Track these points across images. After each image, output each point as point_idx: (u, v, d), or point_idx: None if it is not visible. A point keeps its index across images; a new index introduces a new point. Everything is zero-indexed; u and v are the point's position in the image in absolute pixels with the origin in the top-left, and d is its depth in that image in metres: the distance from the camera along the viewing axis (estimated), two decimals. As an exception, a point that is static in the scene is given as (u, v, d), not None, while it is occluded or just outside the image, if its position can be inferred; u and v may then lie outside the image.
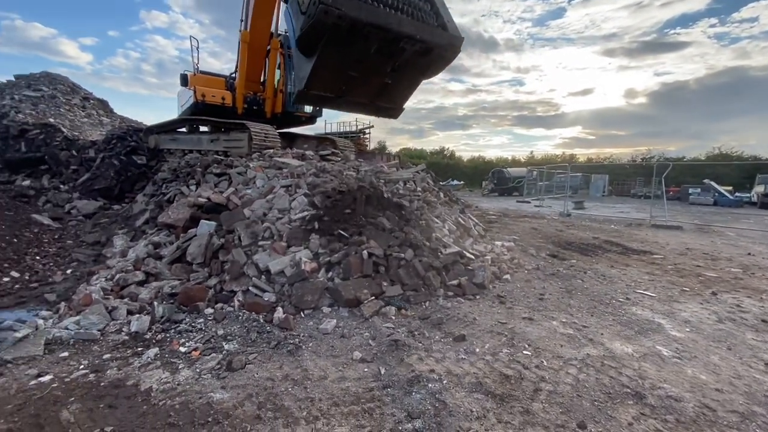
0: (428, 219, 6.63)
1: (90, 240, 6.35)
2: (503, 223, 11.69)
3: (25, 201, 7.86)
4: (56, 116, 14.53)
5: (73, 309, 3.93)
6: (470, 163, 51.44)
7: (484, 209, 16.52)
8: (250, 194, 6.27)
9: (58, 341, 3.43)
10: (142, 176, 9.13)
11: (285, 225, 5.24)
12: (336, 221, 5.39)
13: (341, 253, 4.78)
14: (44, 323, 3.68)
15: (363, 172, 7.26)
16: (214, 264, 4.90)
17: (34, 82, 16.11)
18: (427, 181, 8.15)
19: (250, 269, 4.58)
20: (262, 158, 7.27)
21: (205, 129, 9.27)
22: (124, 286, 4.49)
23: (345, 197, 5.64)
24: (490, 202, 21.57)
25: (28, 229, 6.33)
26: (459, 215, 7.59)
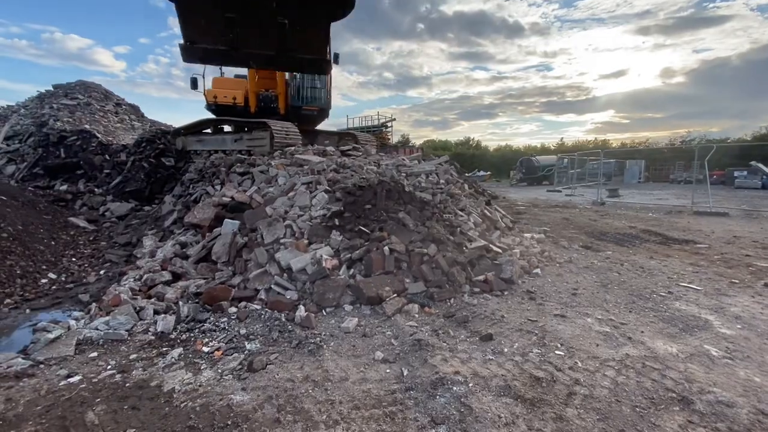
0: (452, 212, 6.43)
1: (122, 241, 6.57)
2: (532, 214, 11.29)
3: (63, 205, 8.25)
4: (91, 122, 15.23)
5: (103, 309, 4.04)
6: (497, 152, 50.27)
7: (512, 200, 16.06)
8: (272, 192, 6.28)
9: (89, 341, 3.52)
10: (170, 177, 9.38)
11: (306, 222, 5.21)
12: (357, 217, 5.31)
13: (362, 250, 4.69)
14: (76, 324, 3.79)
15: (384, 166, 7.14)
16: (238, 262, 4.94)
17: (71, 91, 16.95)
18: (451, 173, 7.93)
19: (272, 267, 4.57)
20: (283, 156, 7.28)
21: (229, 129, 9.40)
22: (151, 286, 4.58)
23: (365, 192, 5.54)
24: (519, 192, 20.97)
25: (65, 231, 6.62)
26: (485, 207, 7.35)
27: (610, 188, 17.74)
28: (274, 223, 5.19)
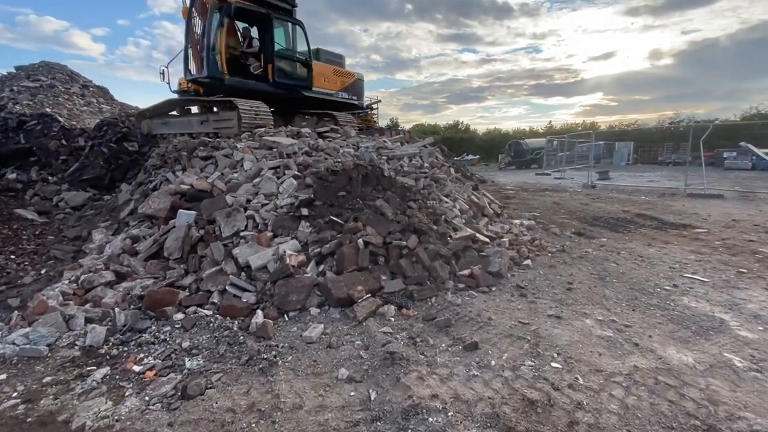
0: (436, 199, 5.91)
1: (71, 235, 5.90)
2: (521, 199, 10.84)
3: (12, 195, 7.49)
4: (54, 106, 14.19)
5: (26, 318, 3.44)
6: (486, 136, 49.68)
7: (500, 184, 15.61)
8: (237, 178, 5.66)
9: (1, 359, 2.94)
10: (134, 164, 8.62)
11: (271, 212, 4.62)
12: (329, 206, 4.74)
13: (334, 243, 4.14)
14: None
15: (363, 149, 6.53)
16: (191, 260, 4.35)
17: (33, 73, 15.78)
18: (436, 155, 7.36)
19: (228, 265, 4.00)
20: (251, 138, 6.61)
21: (196, 110, 8.64)
22: (89, 289, 3.98)
23: (339, 178, 4.96)
24: (507, 176, 20.54)
25: (8, 225, 5.92)
26: (472, 193, 6.82)
27: (600, 171, 17.39)
28: (233, 214, 4.59)
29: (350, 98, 10.06)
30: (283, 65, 8.54)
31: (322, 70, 9.41)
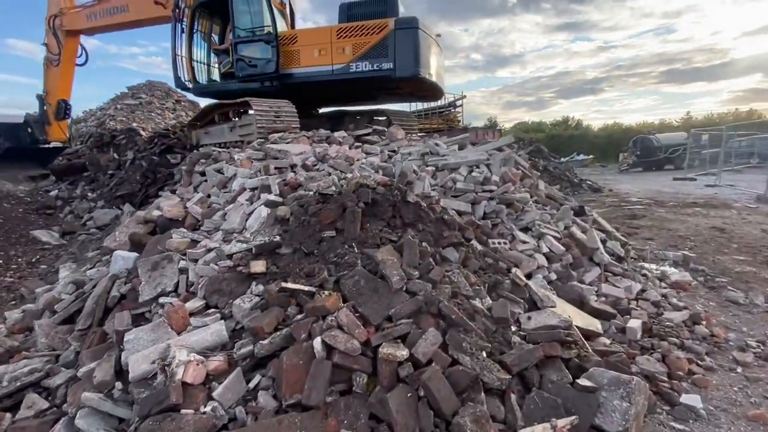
0: (506, 236, 3.59)
1: (57, 266, 5.06)
2: (656, 220, 7.50)
3: (50, 213, 7.25)
4: (146, 120, 15.07)
5: None
6: (602, 131, 42.62)
7: (621, 193, 11.92)
8: (218, 202, 4.14)
9: None
10: (171, 178, 7.93)
11: (211, 265, 2.91)
12: (304, 255, 2.84)
13: (280, 337, 2.23)
14: None
15: (398, 158, 4.50)
16: (91, 336, 2.86)
17: (137, 91, 17.20)
18: (516, 163, 4.92)
19: (103, 364, 2.36)
20: (259, 147, 5.09)
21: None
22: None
23: (328, 208, 3.02)
24: (632, 180, 16.19)
25: (4, 252, 5.34)
26: (573, 222, 4.27)
27: (780, 174, 12.26)
28: (161, 265, 3.00)
29: (377, 67, 6.28)
30: (244, 53, 6.85)
31: (308, 40, 6.74)
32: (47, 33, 9.51)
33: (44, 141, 10.25)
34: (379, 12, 6.44)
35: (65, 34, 9.42)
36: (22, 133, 10.09)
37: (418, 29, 6.16)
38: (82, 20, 9.23)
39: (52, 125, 10.15)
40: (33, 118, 10.17)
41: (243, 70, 6.83)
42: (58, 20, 9.25)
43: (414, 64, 6.11)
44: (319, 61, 6.55)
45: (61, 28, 9.30)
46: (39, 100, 10.15)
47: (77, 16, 9.27)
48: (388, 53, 6.15)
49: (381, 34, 6.19)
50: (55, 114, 10.05)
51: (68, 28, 9.35)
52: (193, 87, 7.64)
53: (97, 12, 8.98)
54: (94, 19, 9.05)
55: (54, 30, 9.31)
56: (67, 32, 9.43)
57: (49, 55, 9.68)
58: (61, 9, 9.26)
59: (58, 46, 9.44)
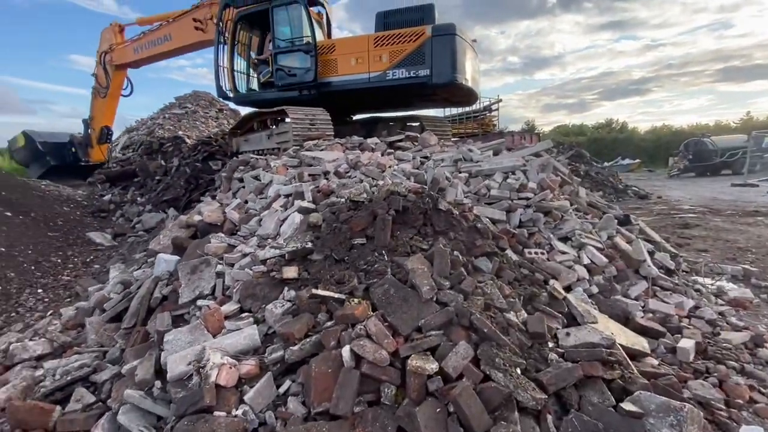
0: (543, 246, 3.45)
1: (108, 266, 5.40)
2: (712, 230, 6.95)
3: (103, 216, 7.78)
4: (190, 128, 15.88)
5: None
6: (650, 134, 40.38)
7: (671, 201, 11.18)
8: (254, 208, 4.27)
9: None
10: (212, 184, 8.29)
11: (246, 269, 2.99)
12: (335, 262, 2.86)
13: (310, 344, 2.25)
14: None
15: (430, 164, 4.45)
16: (134, 334, 3.01)
17: (183, 101, 18.19)
18: (555, 169, 4.73)
19: (145, 363, 2.48)
20: (295, 154, 5.21)
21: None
22: (9, 366, 2.98)
23: (359, 215, 3.03)
24: (683, 186, 15.16)
25: (62, 252, 5.78)
26: (614, 229, 4.04)
27: None
28: (200, 268, 3.11)
29: (413, 74, 6.25)
30: (283, 63, 7.00)
31: (345, 49, 6.84)
32: (97, 66, 10.23)
33: (86, 161, 10.99)
34: (415, 20, 6.47)
35: (114, 68, 10.10)
36: (66, 152, 10.91)
37: (455, 35, 6.13)
38: (129, 54, 9.87)
39: (94, 148, 10.89)
40: (77, 139, 10.96)
41: (282, 80, 7.05)
42: (108, 56, 9.95)
43: (451, 70, 6.09)
44: (356, 70, 6.65)
45: (110, 62, 10.00)
46: (84, 124, 10.92)
47: (125, 50, 9.91)
48: (424, 60, 6.17)
49: (418, 42, 6.21)
50: (98, 138, 10.78)
51: (117, 62, 10.03)
52: (234, 96, 7.98)
53: (143, 44, 9.59)
54: (140, 51, 9.66)
55: (104, 64, 10.02)
56: (116, 66, 10.11)
57: (97, 86, 10.41)
58: (111, 45, 9.96)
59: (107, 79, 10.13)
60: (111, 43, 10.03)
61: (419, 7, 6.47)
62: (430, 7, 6.42)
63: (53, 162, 10.66)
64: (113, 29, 10.17)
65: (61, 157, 10.82)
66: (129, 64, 10.32)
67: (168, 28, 9.23)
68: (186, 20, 8.76)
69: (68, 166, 10.97)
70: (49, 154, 10.72)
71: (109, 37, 10.15)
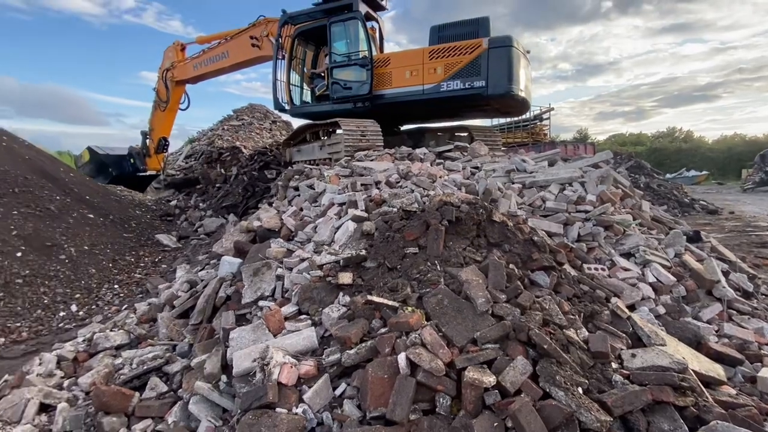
0: (604, 261, 3.31)
1: (174, 266, 5.85)
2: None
3: (169, 219, 8.42)
4: (246, 139, 16.83)
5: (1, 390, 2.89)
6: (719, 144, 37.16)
7: (746, 217, 10.19)
8: (309, 215, 4.46)
9: None
10: (267, 191, 8.74)
11: (304, 274, 3.13)
12: (388, 270, 2.92)
13: (365, 349, 2.31)
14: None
15: (481, 175, 4.42)
16: (201, 331, 3.24)
17: (240, 113, 19.35)
18: (616, 181, 4.51)
19: (213, 357, 2.66)
20: (346, 164, 5.39)
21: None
22: (93, 354, 3.31)
23: (412, 224, 3.08)
24: (759, 201, 13.77)
25: (135, 252, 6.33)
26: (682, 246, 3.77)
27: None
28: (262, 271, 3.30)
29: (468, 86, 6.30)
30: (339, 76, 7.16)
31: (400, 62, 6.98)
32: (159, 82, 11.14)
33: (143, 170, 11.80)
34: (470, 32, 6.56)
35: (174, 84, 10.94)
36: (125, 163, 11.82)
37: (512, 47, 6.13)
38: (189, 70, 10.66)
39: (151, 157, 11.77)
40: (135, 150, 11.91)
41: (337, 93, 7.35)
42: (169, 72, 10.83)
43: (507, 81, 6.12)
44: (410, 82, 6.81)
45: (171, 78, 10.87)
46: (143, 135, 11.84)
47: (186, 67, 10.71)
48: (480, 72, 6.25)
49: (474, 54, 6.30)
50: (155, 148, 11.65)
51: (178, 78, 10.85)
52: (290, 108, 8.36)
53: (202, 61, 10.32)
54: (199, 67, 10.39)
55: (165, 80, 10.93)
56: (176, 82, 10.94)
57: (158, 100, 11.28)
58: (173, 63, 10.85)
59: (167, 94, 11.00)
60: (173, 61, 10.91)
61: (474, 21, 6.52)
62: (485, 20, 6.45)
63: (114, 173, 11.65)
64: (175, 48, 11.06)
65: (121, 168, 11.82)
66: (188, 80, 11.15)
67: (226, 45, 9.90)
68: (243, 38, 9.37)
69: (127, 176, 11.96)
70: (111, 166, 11.75)
71: (171, 55, 11.05)
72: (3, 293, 4.56)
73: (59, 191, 6.59)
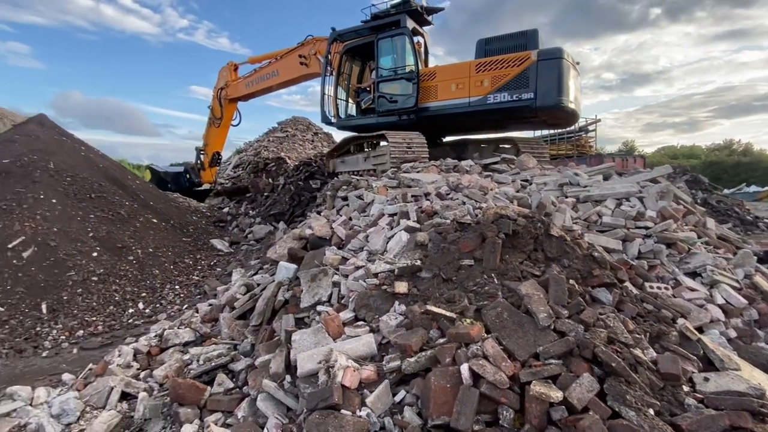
0: (667, 281, 3.19)
1: (229, 270, 6.18)
2: None
3: (222, 225, 8.89)
4: (289, 151, 17.47)
5: (87, 379, 3.18)
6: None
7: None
8: (359, 225, 4.60)
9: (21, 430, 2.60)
10: (313, 200, 9.05)
11: (360, 281, 3.24)
12: (443, 281, 2.98)
13: (425, 358, 2.37)
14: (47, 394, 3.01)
15: (533, 188, 4.39)
16: (262, 332, 3.42)
17: (284, 126, 20.16)
18: (676, 197, 4.33)
19: (277, 357, 2.81)
20: (393, 176, 5.51)
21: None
22: (164, 349, 3.57)
23: (467, 236, 3.12)
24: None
25: (193, 255, 6.74)
26: (752, 266, 3.55)
27: None
28: (319, 277, 3.44)
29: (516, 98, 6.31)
30: (385, 90, 7.30)
31: (446, 75, 7.08)
32: (213, 100, 11.87)
33: (198, 184, 12.56)
34: (519, 45, 6.59)
35: (227, 102, 11.62)
36: (182, 179, 12.62)
37: (562, 59, 6.10)
38: (241, 88, 11.30)
39: (206, 170, 12.49)
40: (190, 166, 12.68)
41: (383, 106, 7.54)
42: (223, 91, 11.52)
43: (556, 93, 6.09)
44: (456, 95, 6.90)
45: (225, 97, 11.55)
46: (196, 151, 12.61)
47: (238, 85, 11.37)
48: (528, 84, 6.26)
49: (522, 66, 6.32)
50: (209, 162, 12.36)
51: (231, 96, 11.53)
52: (336, 121, 8.65)
53: (254, 80, 10.94)
54: (251, 86, 11.00)
55: (219, 99, 11.62)
56: (229, 100, 11.62)
57: (212, 117, 12.01)
58: (227, 82, 11.54)
59: (221, 111, 11.70)
60: (227, 80, 11.63)
61: (523, 33, 6.54)
62: (533, 32, 6.45)
63: (173, 188, 12.47)
64: (229, 68, 11.79)
65: (178, 184, 12.65)
66: (240, 98, 11.82)
67: (276, 64, 10.44)
68: (292, 57, 9.86)
69: (185, 191, 12.79)
70: (170, 182, 12.60)
71: (225, 75, 11.78)
72: (81, 289, 5.02)
73: (128, 197, 7.18)
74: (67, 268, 5.14)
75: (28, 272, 4.91)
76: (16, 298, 4.61)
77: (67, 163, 6.94)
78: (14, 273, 4.86)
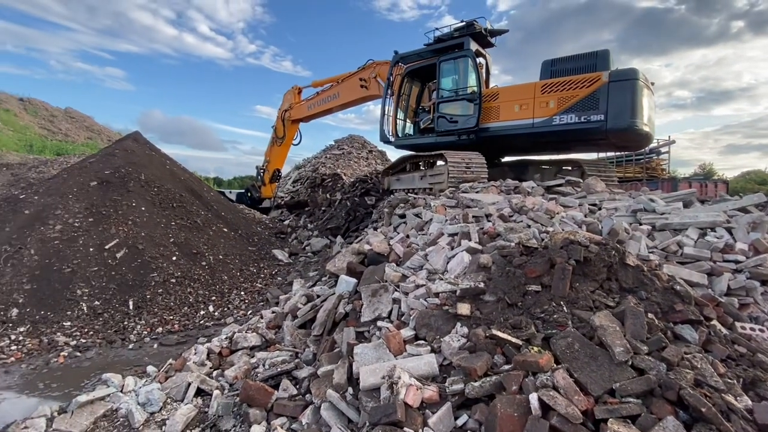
0: (758, 323, 2.88)
1: (290, 280, 6.48)
2: None
3: (282, 237, 9.36)
4: (345, 167, 18.08)
5: (168, 372, 3.49)
6: None
7: None
8: (417, 243, 4.65)
9: (112, 415, 2.91)
10: (368, 216, 9.27)
11: (421, 300, 3.27)
12: (507, 306, 2.92)
13: (489, 384, 2.33)
14: (135, 383, 3.33)
15: (603, 213, 4.18)
16: (324, 342, 3.54)
17: (341, 143, 20.96)
18: None
19: (340, 369, 2.90)
20: (452, 195, 5.52)
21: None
22: (233, 351, 3.82)
23: (534, 261, 3.05)
24: None
25: (263, 262, 7.16)
26: None
27: None
28: (379, 293, 3.52)
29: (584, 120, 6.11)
30: (446, 111, 7.32)
31: (509, 96, 6.98)
32: (277, 120, 12.67)
33: (259, 201, 13.37)
34: (587, 66, 6.42)
35: (290, 123, 12.36)
36: (245, 197, 13.53)
37: (636, 80, 5.83)
38: (304, 110, 11.99)
39: (266, 186, 13.27)
40: (250, 184, 13.48)
41: (443, 126, 7.63)
42: (287, 113, 12.28)
43: (629, 115, 5.82)
44: (520, 116, 6.81)
45: (288, 118, 12.29)
46: (257, 169, 13.48)
47: (301, 107, 12.08)
48: (598, 105, 6.05)
49: (592, 87, 6.15)
50: (270, 178, 13.15)
51: (294, 117, 12.27)
52: (395, 140, 8.86)
53: (316, 102, 11.58)
54: (313, 108, 11.66)
55: (283, 120, 12.35)
56: (292, 121, 12.36)
57: (275, 136, 12.82)
58: (291, 104, 12.29)
59: (284, 131, 12.44)
60: (291, 103, 12.39)
61: (593, 54, 6.35)
62: (604, 53, 6.25)
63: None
64: (293, 91, 12.58)
65: (242, 202, 13.61)
66: (302, 119, 12.54)
67: (337, 87, 10.98)
68: (353, 80, 10.31)
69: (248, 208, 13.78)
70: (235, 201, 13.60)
71: (289, 98, 12.57)
72: (162, 290, 5.52)
73: (203, 207, 7.85)
74: (151, 270, 5.70)
75: (119, 271, 5.51)
76: (109, 294, 5.19)
77: (155, 175, 7.76)
78: (108, 271, 5.48)
